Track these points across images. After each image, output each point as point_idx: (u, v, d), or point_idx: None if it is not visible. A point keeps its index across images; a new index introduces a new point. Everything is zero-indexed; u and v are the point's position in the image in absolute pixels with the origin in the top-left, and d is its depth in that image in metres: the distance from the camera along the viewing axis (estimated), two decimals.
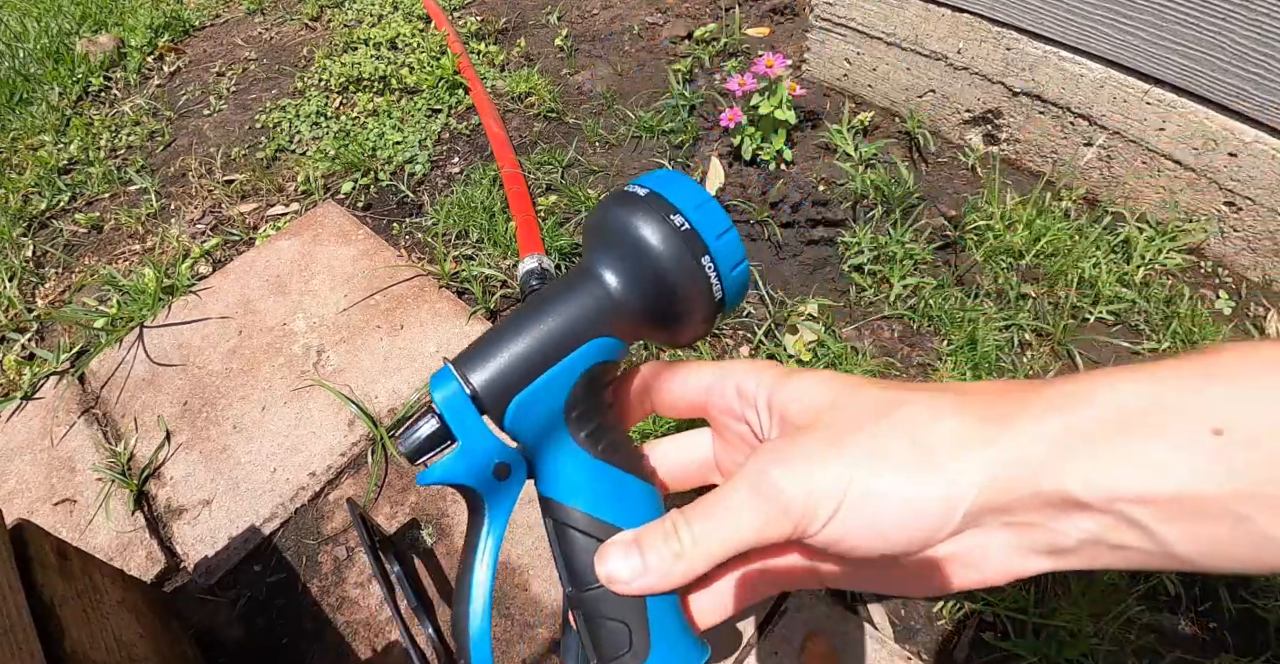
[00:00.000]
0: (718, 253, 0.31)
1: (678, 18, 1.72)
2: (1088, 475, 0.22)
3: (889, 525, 0.25)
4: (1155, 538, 0.22)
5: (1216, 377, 0.21)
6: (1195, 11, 0.91)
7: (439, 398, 0.31)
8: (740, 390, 0.31)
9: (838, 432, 0.26)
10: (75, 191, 1.53)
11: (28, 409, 1.12)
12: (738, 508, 0.27)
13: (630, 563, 0.29)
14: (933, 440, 0.24)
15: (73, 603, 0.65)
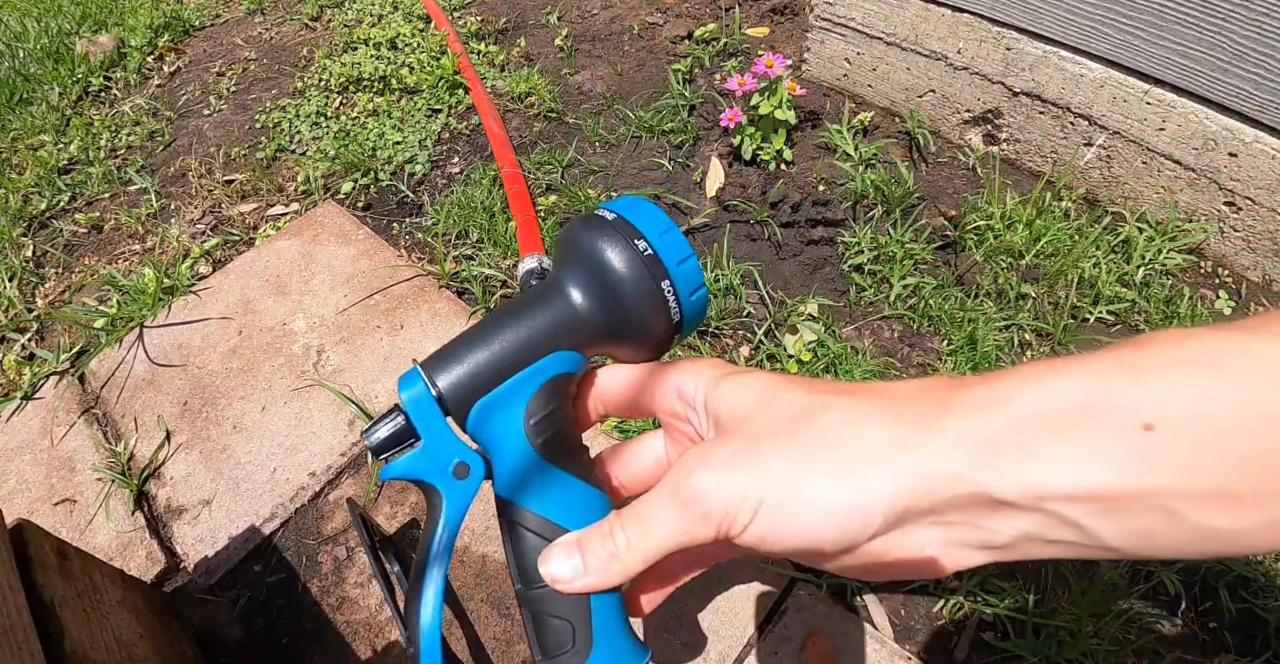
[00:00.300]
0: (677, 278, 0.34)
1: (678, 18, 1.72)
2: (1011, 476, 0.22)
3: (805, 530, 0.25)
4: (1088, 533, 0.22)
5: (1148, 373, 0.21)
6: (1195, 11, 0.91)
7: (405, 398, 0.33)
8: (680, 392, 0.32)
9: (757, 437, 0.27)
10: (75, 191, 1.53)
11: (28, 409, 1.12)
12: (662, 514, 0.28)
13: (571, 563, 0.30)
14: (849, 448, 0.25)
15: (73, 603, 0.65)
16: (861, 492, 0.24)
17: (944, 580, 0.82)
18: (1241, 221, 1.06)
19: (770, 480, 0.25)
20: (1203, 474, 0.20)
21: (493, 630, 0.82)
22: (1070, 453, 0.21)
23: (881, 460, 0.24)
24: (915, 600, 0.82)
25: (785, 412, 0.27)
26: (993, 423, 0.23)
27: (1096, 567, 0.81)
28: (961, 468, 0.23)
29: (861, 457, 0.24)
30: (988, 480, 0.22)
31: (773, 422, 0.27)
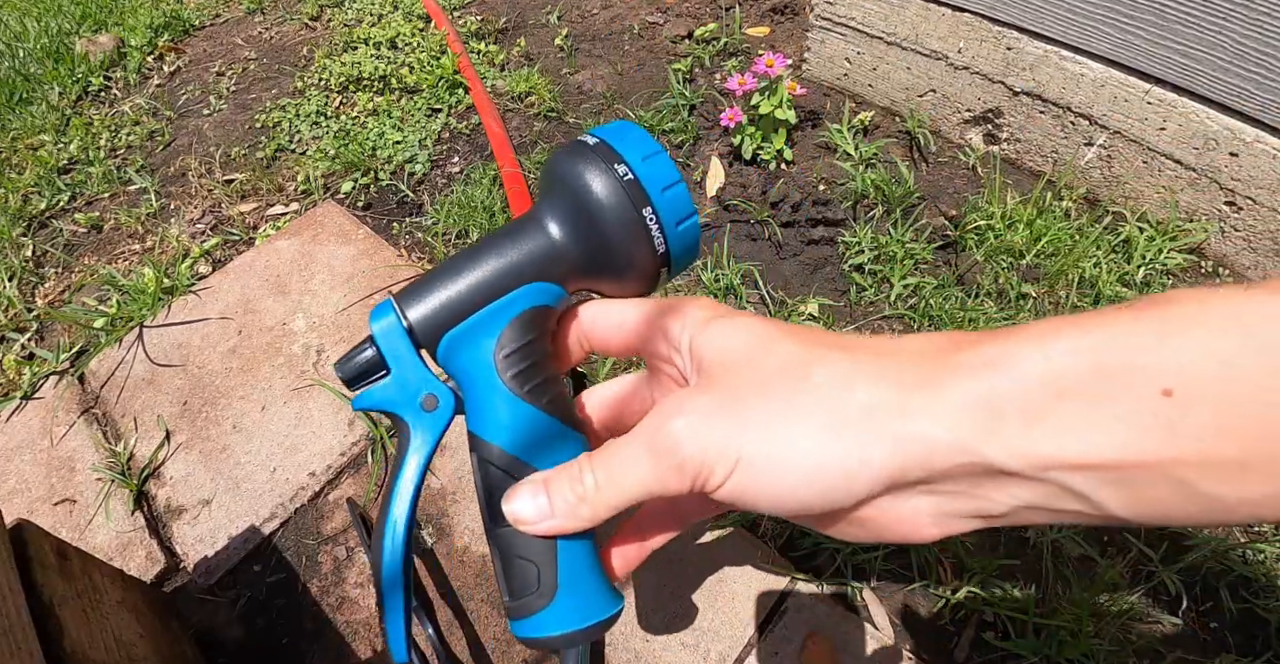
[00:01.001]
0: (661, 206, 0.31)
1: (678, 17, 1.72)
2: (1015, 444, 0.21)
3: (787, 491, 0.24)
4: (1094, 503, 0.21)
5: (1170, 334, 0.20)
6: (1196, 11, 0.90)
7: (376, 329, 0.33)
8: (666, 332, 0.30)
9: (744, 390, 0.25)
10: (75, 191, 1.53)
11: (27, 409, 1.12)
12: (635, 460, 0.27)
13: (536, 503, 0.29)
14: (841, 408, 0.23)
15: (72, 603, 0.65)
16: (850, 456, 0.23)
17: (944, 580, 0.82)
18: (1242, 221, 1.06)
19: (752, 436, 0.24)
20: (1222, 443, 0.19)
21: (493, 630, 0.82)
22: (1080, 419, 0.20)
23: (875, 424, 0.22)
24: (915, 600, 0.82)
25: (775, 363, 0.25)
26: (996, 386, 0.21)
27: (1097, 566, 0.81)
28: (960, 437, 0.21)
29: (853, 419, 0.23)
30: (988, 450, 0.21)
31: (761, 372, 0.25)
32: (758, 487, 0.24)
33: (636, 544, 0.35)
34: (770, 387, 0.25)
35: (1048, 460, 0.21)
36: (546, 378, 0.33)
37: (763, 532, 0.87)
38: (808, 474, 0.23)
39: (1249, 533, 0.85)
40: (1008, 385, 0.21)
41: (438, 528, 0.91)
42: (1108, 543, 0.84)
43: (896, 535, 0.25)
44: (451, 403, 0.34)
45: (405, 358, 0.33)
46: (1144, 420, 0.19)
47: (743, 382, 0.25)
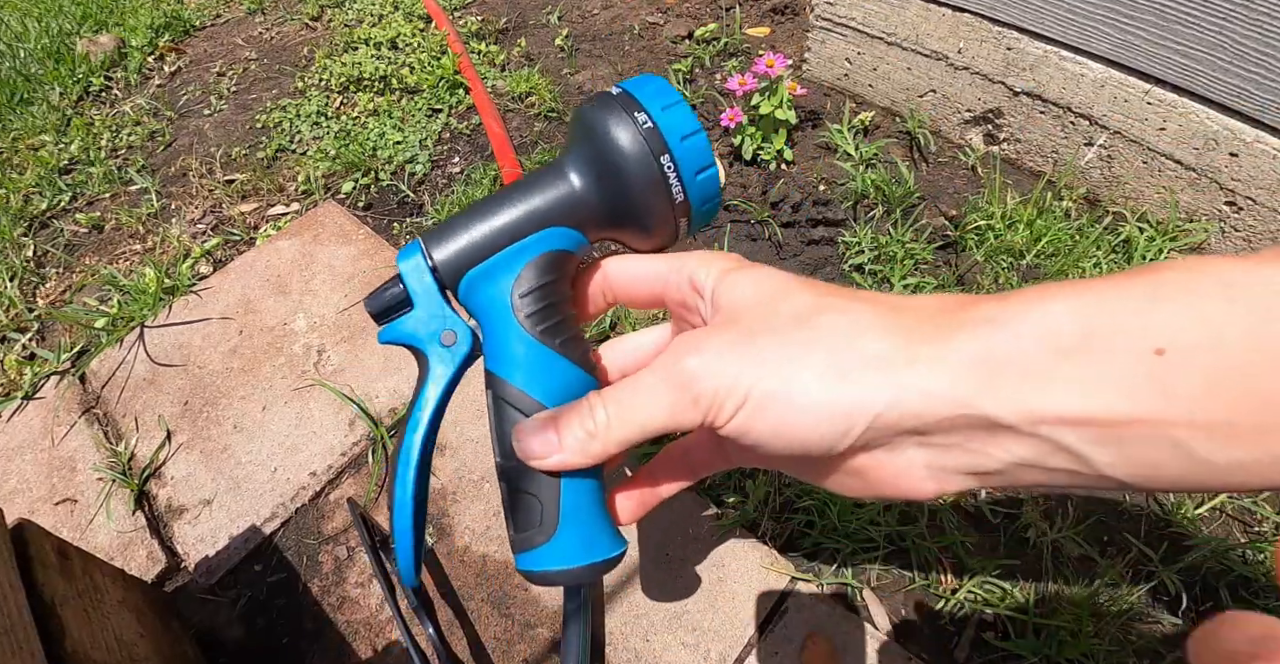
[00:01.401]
0: (680, 154, 0.32)
1: (678, 17, 1.72)
2: (1012, 399, 0.21)
3: (789, 428, 0.25)
4: (1085, 461, 0.21)
5: (1163, 297, 0.20)
6: (1196, 11, 0.90)
7: (404, 267, 0.35)
8: (693, 281, 0.31)
9: (756, 330, 0.26)
10: (76, 191, 1.53)
11: (28, 409, 1.12)
12: (650, 393, 0.28)
13: (546, 438, 0.30)
14: (847, 352, 0.24)
15: (73, 603, 0.66)
16: (851, 400, 0.23)
17: (944, 580, 0.82)
18: (1242, 221, 1.06)
19: (762, 373, 0.25)
20: (1213, 405, 0.19)
21: (493, 630, 0.82)
22: (1075, 376, 0.21)
23: (878, 372, 0.23)
24: (916, 600, 0.82)
25: (790, 308, 0.26)
26: (996, 343, 0.22)
27: (1097, 566, 0.81)
28: (959, 390, 0.22)
29: (858, 363, 0.24)
30: (985, 404, 0.22)
31: (775, 316, 0.26)
32: (763, 423, 0.25)
33: (649, 489, 0.36)
34: (782, 329, 0.26)
35: (1042, 415, 0.21)
36: (562, 320, 0.35)
37: (763, 532, 0.87)
38: (810, 414, 0.24)
39: (1249, 533, 0.85)
40: (1007, 343, 0.22)
41: (438, 528, 0.91)
42: (1108, 543, 0.84)
43: (893, 489, 0.26)
44: (469, 338, 0.35)
45: (428, 295, 0.35)
46: (1136, 380, 0.20)
47: (757, 324, 0.26)
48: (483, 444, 0.98)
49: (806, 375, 0.24)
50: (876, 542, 0.85)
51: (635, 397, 0.28)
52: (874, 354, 0.24)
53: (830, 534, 0.85)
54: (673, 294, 0.33)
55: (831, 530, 0.85)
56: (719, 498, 0.90)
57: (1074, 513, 0.85)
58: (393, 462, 0.36)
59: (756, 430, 0.25)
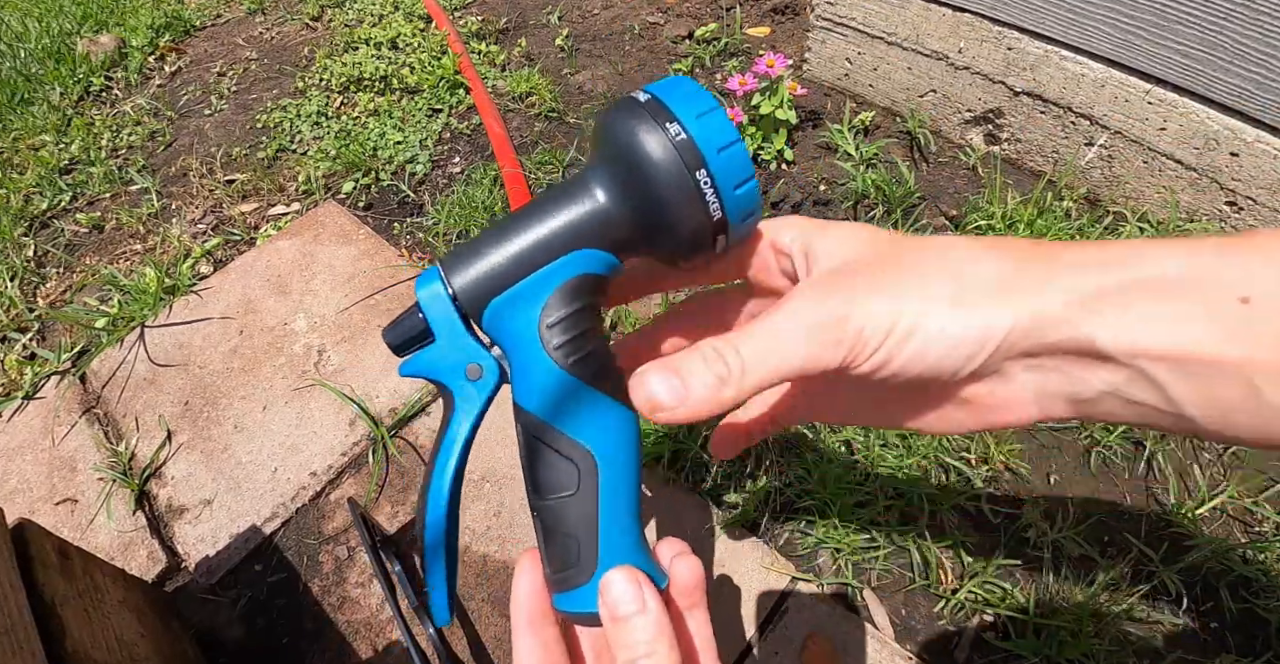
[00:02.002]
0: (716, 167, 0.29)
1: (678, 17, 1.72)
2: (1114, 329, 0.23)
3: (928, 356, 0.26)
4: (1168, 396, 0.23)
5: (1251, 252, 0.22)
6: (1196, 11, 0.90)
7: (422, 296, 0.32)
8: (775, 244, 0.32)
9: (885, 271, 0.27)
10: (76, 191, 1.53)
11: (29, 409, 1.12)
12: (790, 334, 0.27)
13: (670, 386, 0.28)
14: (972, 282, 0.26)
15: (74, 602, 0.66)
16: (979, 322, 0.25)
17: (944, 580, 0.82)
18: (1243, 221, 1.06)
19: (900, 308, 0.26)
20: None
21: (493, 630, 0.82)
22: (1168, 315, 0.23)
23: (1001, 296, 0.25)
24: (916, 600, 0.82)
25: (908, 250, 0.28)
26: (1101, 280, 0.24)
27: (1097, 566, 0.81)
28: (1070, 314, 0.24)
29: (981, 290, 0.26)
30: (1091, 330, 0.24)
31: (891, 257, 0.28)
32: (901, 356, 0.26)
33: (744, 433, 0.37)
34: (909, 267, 0.27)
35: (1137, 348, 0.23)
36: (594, 350, 0.32)
37: (763, 532, 0.87)
38: (945, 340, 0.26)
39: (1249, 533, 0.85)
40: (1110, 279, 0.24)
41: None
42: (1108, 543, 0.84)
43: (1000, 416, 0.28)
44: (496, 372, 0.33)
45: (450, 325, 0.32)
46: (1223, 322, 0.22)
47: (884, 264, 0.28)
48: (483, 444, 0.98)
49: (941, 305, 0.26)
50: (877, 542, 0.85)
51: (771, 339, 0.27)
52: (998, 280, 0.26)
53: (830, 534, 0.85)
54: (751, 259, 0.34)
55: (831, 530, 0.85)
56: (719, 498, 0.90)
57: (1074, 513, 0.85)
58: (421, 501, 0.34)
59: (895, 364, 0.26)
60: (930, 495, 0.88)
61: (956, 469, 0.89)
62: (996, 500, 0.88)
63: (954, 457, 0.90)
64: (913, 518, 0.87)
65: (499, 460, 0.96)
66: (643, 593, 0.29)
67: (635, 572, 0.30)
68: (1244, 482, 0.88)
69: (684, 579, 0.32)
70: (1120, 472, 0.91)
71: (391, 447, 0.99)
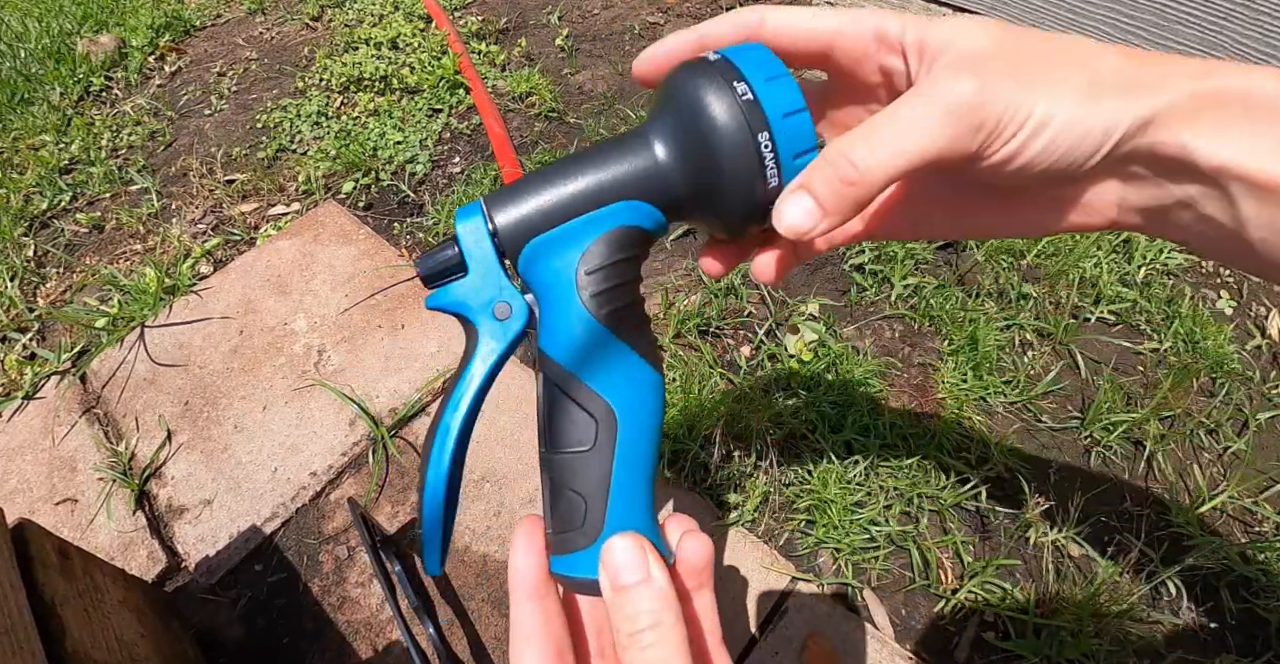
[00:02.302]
0: (780, 132, 0.29)
1: (678, 17, 1.72)
2: (1207, 139, 0.24)
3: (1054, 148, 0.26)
4: (1237, 215, 0.24)
5: None
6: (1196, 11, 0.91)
7: (460, 229, 0.32)
8: (881, 33, 0.30)
9: (1017, 59, 0.27)
10: (76, 191, 1.53)
11: (29, 409, 1.12)
12: (927, 119, 0.27)
13: (804, 207, 0.28)
14: (1103, 75, 0.26)
15: (74, 602, 0.66)
16: (1107, 116, 0.26)
17: (944, 581, 0.82)
18: None
19: (1038, 96, 0.26)
20: None
21: (493, 630, 0.82)
22: (1255, 134, 0.24)
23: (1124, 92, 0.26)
24: (916, 600, 0.82)
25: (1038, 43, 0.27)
26: (1203, 87, 0.25)
27: (1097, 566, 0.81)
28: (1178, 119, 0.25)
29: (1110, 85, 0.26)
30: (1188, 139, 0.24)
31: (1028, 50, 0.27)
32: (1033, 144, 0.26)
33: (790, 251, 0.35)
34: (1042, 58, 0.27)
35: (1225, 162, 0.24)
36: (629, 304, 0.32)
37: (763, 532, 0.87)
38: (1076, 131, 0.26)
39: (1249, 533, 0.85)
40: (1212, 88, 0.25)
41: None
42: (1107, 543, 0.84)
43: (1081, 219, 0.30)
44: (525, 313, 0.32)
45: (485, 261, 0.32)
46: None
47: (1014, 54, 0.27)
48: (483, 443, 0.98)
49: (1074, 95, 0.26)
50: (877, 541, 0.85)
51: (910, 124, 0.27)
52: (1119, 79, 0.26)
53: (830, 534, 0.85)
54: (848, 47, 0.31)
55: (831, 530, 0.85)
56: (719, 498, 0.90)
57: (1074, 513, 0.85)
58: (428, 439, 0.32)
59: (1027, 152, 0.27)
60: (930, 495, 0.88)
61: (956, 469, 0.89)
62: (997, 500, 0.88)
63: (954, 457, 0.90)
64: (912, 518, 0.87)
65: (499, 460, 0.96)
66: (647, 560, 0.28)
67: (640, 539, 0.29)
68: (1244, 481, 0.88)
69: (693, 557, 0.31)
70: (1120, 472, 0.91)
71: (391, 446, 0.99)
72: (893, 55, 0.30)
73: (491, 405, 1.02)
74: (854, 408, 0.95)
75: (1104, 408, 0.93)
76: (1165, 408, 0.93)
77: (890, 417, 0.95)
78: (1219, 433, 0.93)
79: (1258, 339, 1.04)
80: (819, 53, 0.32)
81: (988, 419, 0.96)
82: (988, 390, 0.97)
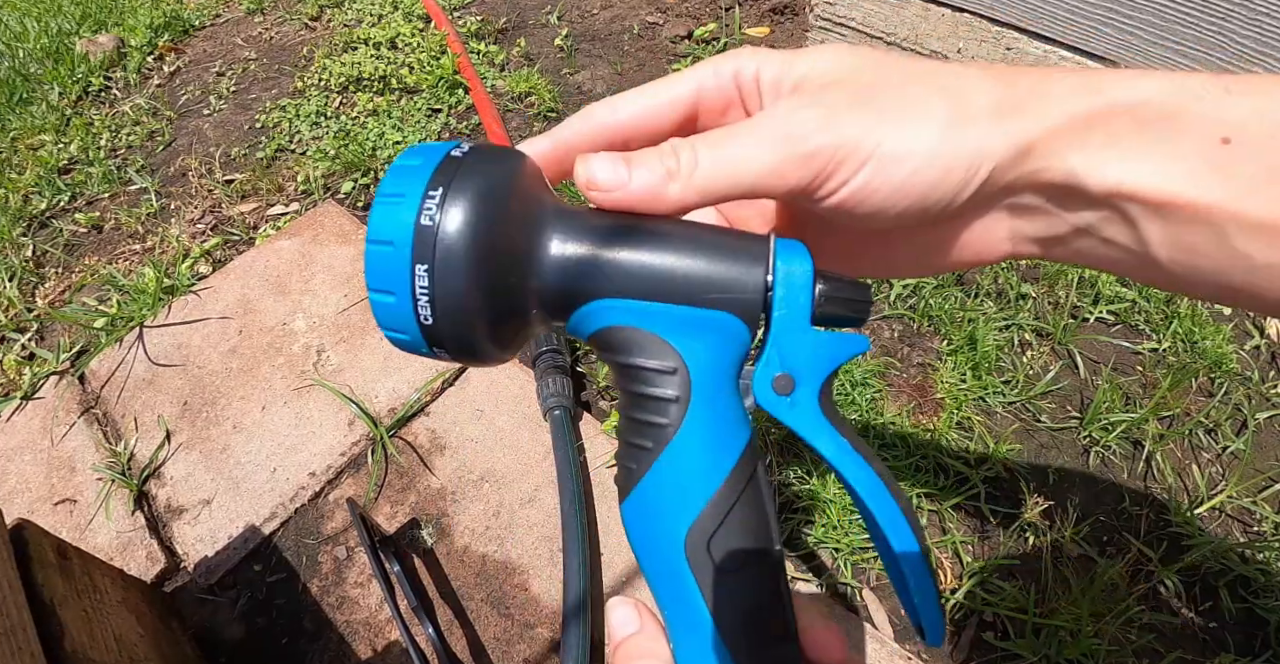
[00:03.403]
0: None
1: (678, 17, 1.72)
2: (1096, 163, 0.22)
3: (911, 185, 0.24)
4: (1139, 236, 0.23)
5: (1237, 91, 0.21)
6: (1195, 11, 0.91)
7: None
8: (739, 77, 0.27)
9: (871, 88, 0.25)
10: (75, 191, 1.53)
11: (28, 409, 1.12)
12: (755, 143, 0.24)
13: (615, 169, 0.26)
14: (965, 104, 0.24)
15: (73, 603, 0.66)
16: (972, 146, 0.23)
17: (944, 581, 0.82)
18: None
19: (886, 130, 0.24)
20: (1258, 199, 0.20)
21: (493, 630, 0.82)
22: (1148, 152, 0.22)
23: (992, 120, 0.24)
24: None
25: (896, 69, 0.25)
26: (1088, 106, 0.23)
27: (1096, 566, 0.81)
28: (1058, 144, 0.23)
29: (976, 113, 0.24)
30: (1075, 163, 0.23)
31: (885, 77, 0.25)
32: (883, 182, 0.24)
33: None
34: (897, 85, 0.25)
35: (1117, 184, 0.22)
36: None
37: None
38: (935, 161, 0.24)
39: (1248, 532, 0.85)
40: (1098, 105, 0.23)
41: (438, 528, 0.91)
42: (1107, 543, 0.84)
43: (974, 254, 0.27)
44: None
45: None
46: (1199, 163, 0.21)
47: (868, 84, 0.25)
48: (482, 444, 0.98)
49: (931, 126, 0.24)
50: None
51: (733, 142, 0.25)
52: (987, 104, 0.24)
53: (830, 534, 0.85)
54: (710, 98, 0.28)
55: (831, 530, 0.85)
56: None
57: (1073, 513, 0.85)
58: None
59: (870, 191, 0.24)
60: (930, 495, 0.88)
61: (955, 469, 0.89)
62: (996, 500, 0.88)
63: (954, 457, 0.91)
64: None
65: (499, 460, 0.96)
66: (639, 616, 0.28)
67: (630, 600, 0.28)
68: (1242, 481, 0.88)
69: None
70: (1119, 471, 0.91)
71: (390, 447, 0.99)
72: (753, 96, 0.28)
73: (491, 405, 1.02)
74: (853, 407, 0.95)
75: (1103, 408, 0.93)
76: (1164, 408, 0.93)
77: (889, 416, 0.95)
78: (1218, 433, 0.93)
79: (1256, 339, 1.04)
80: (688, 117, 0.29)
81: (987, 419, 0.96)
82: (987, 390, 0.97)
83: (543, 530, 0.89)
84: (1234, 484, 0.87)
